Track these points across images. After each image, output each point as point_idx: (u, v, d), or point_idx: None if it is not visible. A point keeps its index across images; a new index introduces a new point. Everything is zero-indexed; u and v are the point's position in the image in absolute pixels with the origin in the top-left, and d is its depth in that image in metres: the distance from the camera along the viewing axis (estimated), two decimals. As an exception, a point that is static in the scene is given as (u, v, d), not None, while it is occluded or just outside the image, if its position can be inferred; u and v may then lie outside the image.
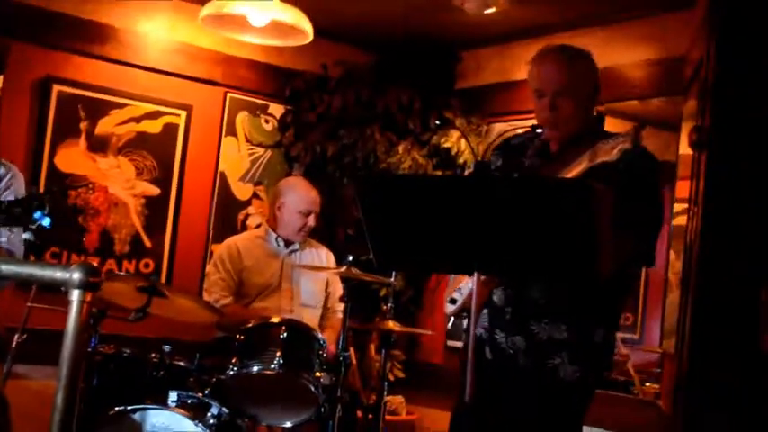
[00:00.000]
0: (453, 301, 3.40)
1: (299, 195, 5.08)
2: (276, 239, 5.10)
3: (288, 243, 5.12)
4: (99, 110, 5.52)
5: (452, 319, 3.51)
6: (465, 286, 3.34)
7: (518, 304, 3.21)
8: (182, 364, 4.21)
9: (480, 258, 2.71)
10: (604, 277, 2.66)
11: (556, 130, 3.22)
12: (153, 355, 4.17)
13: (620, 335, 5.90)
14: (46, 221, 3.04)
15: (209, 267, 5.15)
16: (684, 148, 4.44)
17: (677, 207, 4.81)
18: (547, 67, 3.23)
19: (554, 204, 2.55)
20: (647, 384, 5.39)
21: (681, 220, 4.59)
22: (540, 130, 3.26)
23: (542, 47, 3.32)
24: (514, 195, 2.61)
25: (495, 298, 3.28)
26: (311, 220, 5.05)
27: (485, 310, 3.32)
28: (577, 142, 3.14)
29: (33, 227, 3.04)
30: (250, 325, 4.29)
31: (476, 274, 2.72)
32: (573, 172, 2.99)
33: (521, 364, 3.20)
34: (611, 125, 5.34)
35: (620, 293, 3.33)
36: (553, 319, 3.17)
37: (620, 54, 5.35)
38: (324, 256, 5.26)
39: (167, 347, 4.17)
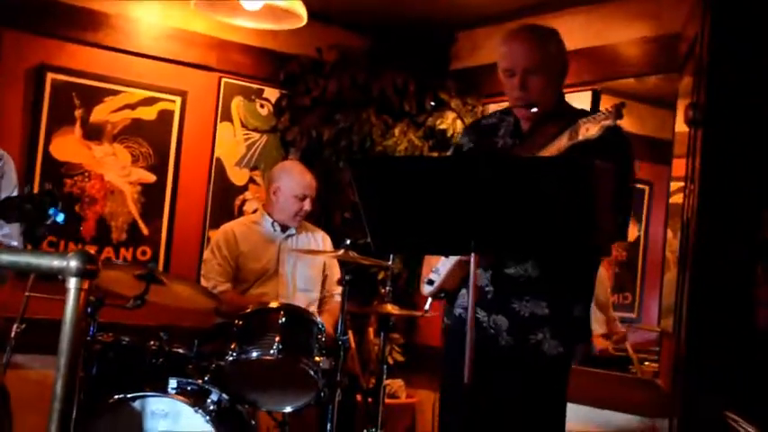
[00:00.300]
0: (431, 282, 3.43)
1: (294, 180, 5.09)
2: (272, 224, 5.11)
3: (284, 228, 5.12)
4: (93, 97, 5.51)
5: (430, 300, 3.54)
6: (442, 266, 3.39)
7: (499, 283, 3.24)
8: (181, 351, 4.22)
9: (478, 238, 2.72)
10: (606, 253, 2.72)
11: (524, 108, 3.27)
12: (152, 342, 4.18)
13: (618, 314, 5.93)
14: (60, 217, 3.05)
15: (206, 254, 5.17)
16: (680, 126, 4.44)
17: (674, 185, 4.82)
18: (517, 46, 3.29)
19: (556, 183, 2.58)
20: (646, 363, 5.41)
21: (677, 199, 4.59)
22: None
23: (511, 27, 3.38)
24: (514, 175, 2.63)
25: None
26: (307, 204, 5.06)
27: (463, 290, 3.36)
28: (549, 120, 3.20)
29: (48, 222, 3.05)
30: (248, 310, 4.30)
31: (473, 254, 2.73)
32: (552, 150, 3.03)
33: (502, 344, 3.24)
34: (608, 103, 5.38)
35: (593, 268, 3.42)
36: (534, 296, 3.24)
37: (615, 32, 5.35)
38: (320, 240, 5.26)
39: (165, 335, 4.18)
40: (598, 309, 5.79)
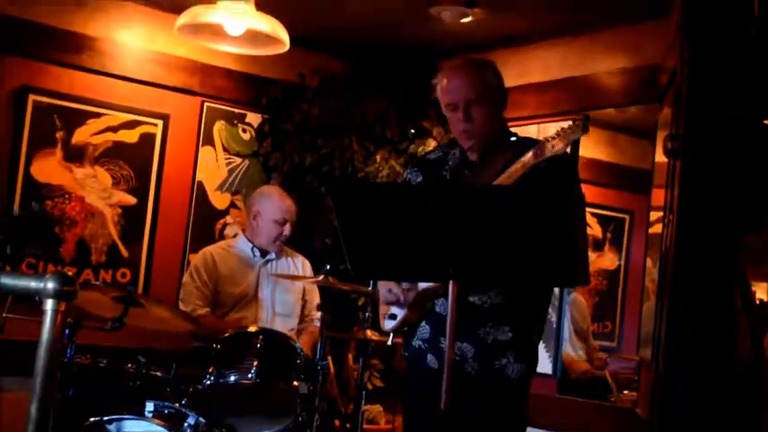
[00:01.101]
0: (393, 317, 3.43)
1: (274, 204, 5.10)
2: (252, 249, 5.11)
3: (264, 252, 5.12)
4: (75, 119, 5.51)
5: (392, 336, 3.55)
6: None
7: (463, 311, 3.26)
8: (158, 374, 4.20)
9: (456, 266, 2.73)
10: (586, 281, 2.75)
11: (473, 140, 3.34)
12: (129, 365, 4.15)
13: (598, 342, 5.95)
14: None
15: (185, 277, 5.16)
16: (660, 157, 4.46)
17: (653, 215, 4.84)
18: (457, 81, 3.36)
19: (537, 213, 2.59)
20: (625, 392, 5.42)
21: (657, 228, 4.61)
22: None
23: (447, 63, 3.51)
24: (494, 203, 2.64)
25: (437, 308, 3.36)
26: (287, 229, 5.07)
27: (423, 323, 3.40)
28: (497, 148, 3.28)
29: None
30: (227, 334, 4.29)
31: (451, 282, 2.74)
32: (517, 168, 3.08)
33: (468, 370, 3.26)
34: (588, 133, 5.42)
35: (549, 296, 3.52)
36: (496, 323, 3.28)
37: (596, 62, 5.39)
38: (300, 264, 5.27)
39: (143, 358, 4.17)
40: (578, 337, 5.80)
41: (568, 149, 3.13)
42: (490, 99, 3.34)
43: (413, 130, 6.03)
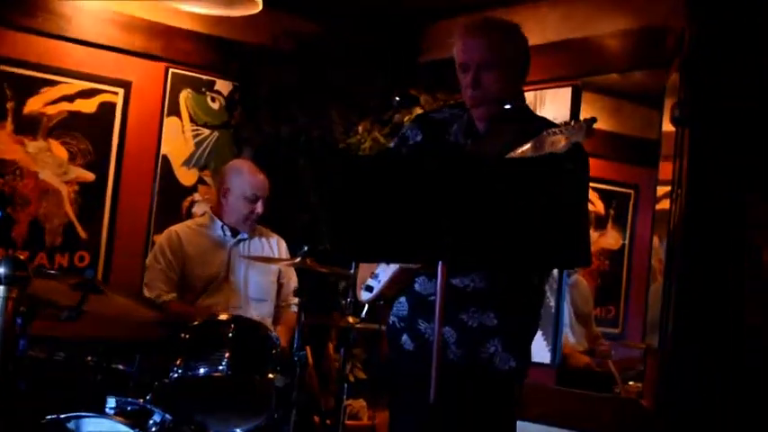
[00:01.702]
0: (369, 289, 3.45)
1: (244, 180, 5.10)
2: (222, 228, 5.11)
3: (235, 232, 5.12)
4: (27, 88, 5.48)
5: (367, 307, 3.57)
6: (382, 272, 3.41)
7: (446, 294, 3.27)
8: (120, 366, 4.20)
9: (451, 246, 2.73)
10: (587, 262, 2.75)
11: (480, 108, 3.31)
12: (89, 357, 4.15)
13: (600, 329, 5.97)
14: None
15: (148, 259, 5.15)
16: (667, 125, 4.48)
17: (660, 190, 4.86)
18: (471, 40, 3.31)
19: (542, 187, 2.59)
20: (630, 383, 5.45)
21: (664, 204, 4.63)
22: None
23: (467, 20, 3.41)
24: (494, 176, 2.64)
25: (417, 286, 3.36)
26: (259, 207, 5.07)
27: (402, 298, 3.40)
28: (506, 122, 3.26)
29: None
30: (195, 323, 4.29)
31: (440, 264, 2.74)
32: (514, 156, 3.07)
33: (450, 357, 3.26)
34: (588, 101, 5.43)
35: (538, 285, 3.46)
36: (481, 307, 3.26)
37: (597, 23, 5.37)
38: (275, 245, 5.27)
39: (103, 349, 4.16)
40: (579, 323, 5.83)
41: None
42: (505, 66, 3.29)
43: (398, 98, 6.02)
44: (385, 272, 3.41)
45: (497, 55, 3.27)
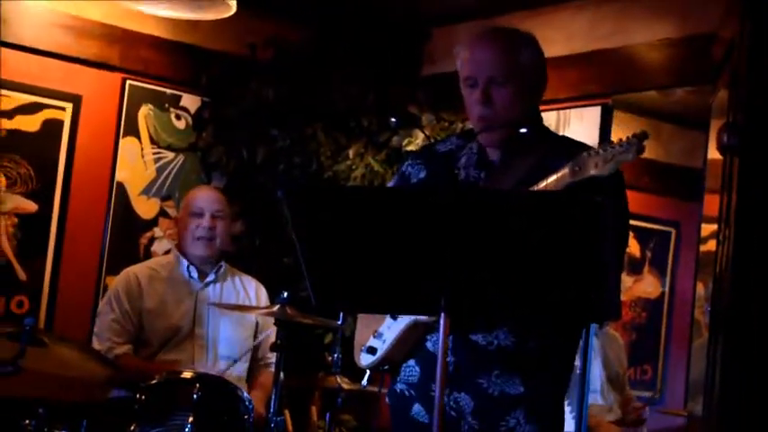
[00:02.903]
0: (372, 351, 3.43)
1: (188, 197, 5.17)
2: (188, 268, 5.10)
3: (203, 273, 5.12)
4: (-42, 102, 5.51)
5: (369, 373, 3.55)
6: (387, 330, 3.39)
7: (464, 353, 3.26)
8: (64, 432, 4.20)
9: (451, 294, 2.73)
10: (616, 315, 2.75)
11: (492, 133, 3.31)
12: (27, 421, 4.15)
13: (635, 392, 5.96)
14: None
15: (100, 306, 5.15)
16: (713, 152, 4.50)
17: (705, 229, 4.86)
18: (480, 51, 3.34)
19: (558, 225, 2.59)
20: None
21: (710, 245, 4.63)
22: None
23: (478, 30, 3.44)
24: (503, 213, 2.64)
25: (429, 345, 3.34)
26: (206, 221, 5.06)
27: (411, 361, 3.39)
28: (525, 148, 3.26)
29: None
30: (153, 381, 4.28)
31: (442, 315, 2.74)
32: (548, 186, 3.07)
33: (465, 429, 3.25)
34: (621, 122, 5.44)
35: (577, 339, 3.45)
36: (505, 371, 3.24)
37: (633, 31, 5.40)
38: (253, 291, 5.27)
39: (44, 411, 4.16)
40: (611, 386, 5.81)
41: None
42: (520, 81, 3.30)
43: (393, 119, 6.03)
44: (390, 329, 3.39)
45: (510, 68, 3.28)
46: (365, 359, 3.47)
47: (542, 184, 3.11)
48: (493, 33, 3.40)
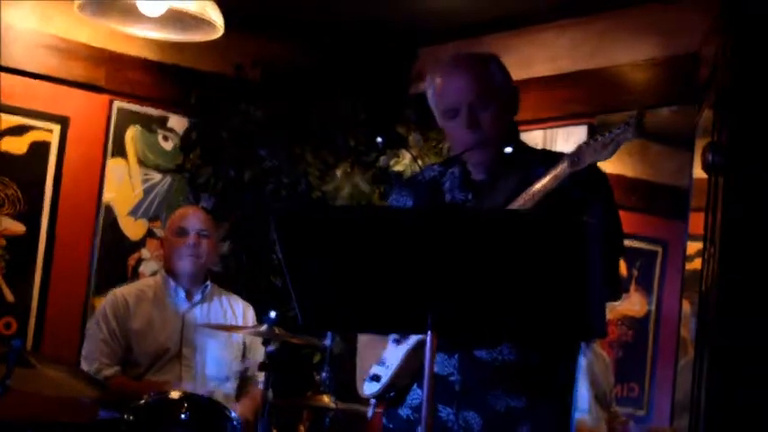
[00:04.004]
0: (377, 379, 3.42)
1: (173, 218, 5.20)
2: (175, 289, 5.11)
3: (190, 293, 5.12)
4: (-55, 124, 5.51)
5: (374, 402, 3.53)
6: (390, 356, 3.39)
7: (470, 371, 3.26)
8: (53, 454, 4.20)
9: (438, 312, 2.74)
10: (601, 333, 2.76)
11: (477, 154, 3.34)
12: (15, 442, 4.15)
13: (621, 409, 5.96)
14: None
15: (88, 327, 5.15)
16: (699, 171, 4.51)
17: (691, 246, 4.87)
18: (456, 80, 3.36)
19: (543, 246, 2.60)
20: (658, 477, 5.45)
21: (696, 264, 4.65)
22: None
23: (441, 60, 3.47)
24: (493, 234, 2.65)
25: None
26: (191, 239, 5.06)
27: (414, 387, 3.39)
28: (508, 164, 3.33)
29: None
30: (142, 402, 4.28)
31: (429, 334, 2.75)
32: (545, 184, 3.10)
33: None
34: (606, 143, 5.44)
35: (577, 352, 3.52)
36: (510, 386, 3.25)
37: (617, 51, 5.42)
38: (240, 311, 5.26)
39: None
40: (598, 404, 5.82)
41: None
42: (498, 100, 3.34)
43: (379, 139, 6.04)
44: (394, 354, 3.39)
45: (488, 90, 3.32)
46: (369, 388, 3.45)
47: (539, 184, 3.13)
48: (462, 60, 3.44)
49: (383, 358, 3.42)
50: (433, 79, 3.40)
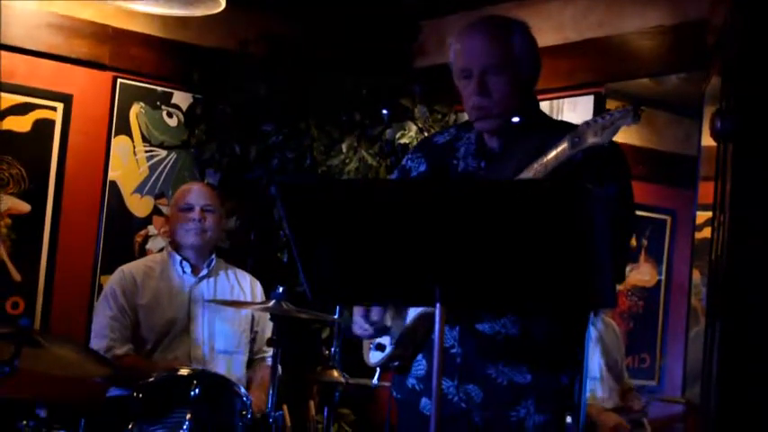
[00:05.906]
0: (381, 348, 3.43)
1: (177, 194, 5.23)
2: (181, 263, 5.10)
3: (196, 268, 5.13)
4: (-51, 103, 5.51)
5: (379, 370, 3.55)
6: (394, 326, 3.39)
7: (471, 344, 3.26)
8: (63, 432, 4.21)
9: (445, 284, 2.74)
10: (610, 303, 2.76)
11: (490, 121, 3.32)
12: (25, 422, 4.15)
13: (634, 381, 5.97)
14: None
15: (97, 305, 5.15)
16: (707, 139, 4.50)
17: (701, 216, 4.87)
18: (472, 41, 3.35)
19: (543, 214, 2.60)
20: (669, 445, 5.46)
21: (705, 233, 4.64)
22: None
23: (469, 21, 3.44)
24: (498, 203, 2.64)
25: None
26: (196, 214, 5.06)
27: (419, 357, 3.40)
28: (524, 133, 3.29)
29: None
30: (151, 379, 4.29)
31: (438, 305, 2.75)
32: (549, 159, 3.09)
33: (476, 420, 3.26)
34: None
35: (585, 324, 3.52)
36: (512, 360, 3.25)
37: (624, 19, 5.40)
38: (248, 286, 5.27)
39: (43, 412, 4.16)
40: (610, 374, 5.82)
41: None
42: (515, 69, 3.31)
43: (384, 111, 6.03)
44: (397, 324, 3.39)
45: (504, 57, 3.30)
46: (374, 357, 3.47)
47: (543, 161, 3.12)
48: (485, 23, 3.40)
49: (388, 326, 3.43)
50: (456, 39, 3.39)
